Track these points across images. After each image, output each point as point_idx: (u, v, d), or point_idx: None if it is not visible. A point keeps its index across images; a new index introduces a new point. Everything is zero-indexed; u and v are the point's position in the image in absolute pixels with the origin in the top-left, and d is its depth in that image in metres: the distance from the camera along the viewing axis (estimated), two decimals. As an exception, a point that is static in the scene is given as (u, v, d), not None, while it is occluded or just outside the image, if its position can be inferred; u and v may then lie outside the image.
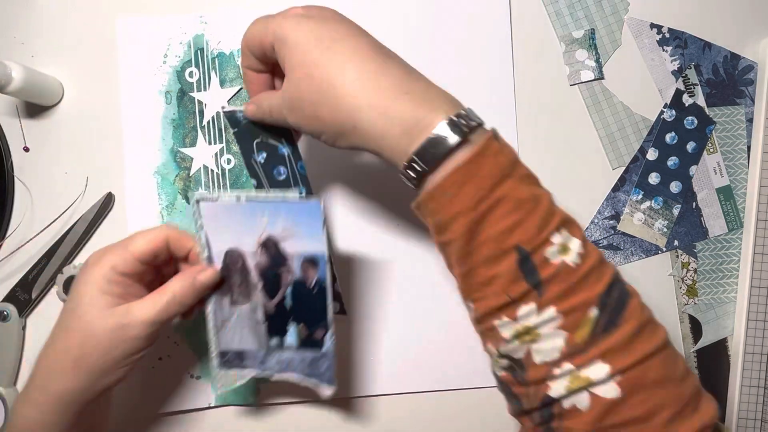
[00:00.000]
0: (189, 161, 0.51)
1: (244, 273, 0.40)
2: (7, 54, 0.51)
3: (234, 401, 0.50)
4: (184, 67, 0.51)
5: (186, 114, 0.51)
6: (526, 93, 0.51)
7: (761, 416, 0.49)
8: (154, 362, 0.50)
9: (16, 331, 0.51)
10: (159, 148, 0.51)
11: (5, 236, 0.51)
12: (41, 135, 0.51)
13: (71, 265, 0.51)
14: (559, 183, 0.51)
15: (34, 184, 0.51)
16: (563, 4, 0.51)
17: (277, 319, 0.41)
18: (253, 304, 0.41)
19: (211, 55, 0.51)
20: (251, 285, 0.40)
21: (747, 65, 0.51)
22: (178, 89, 0.51)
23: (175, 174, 0.51)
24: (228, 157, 0.51)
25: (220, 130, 0.51)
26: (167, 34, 0.51)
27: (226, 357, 0.42)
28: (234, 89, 0.51)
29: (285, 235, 0.39)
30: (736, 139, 0.52)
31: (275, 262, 0.40)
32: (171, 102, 0.51)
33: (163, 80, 0.51)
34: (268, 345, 0.42)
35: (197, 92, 0.51)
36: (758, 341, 0.49)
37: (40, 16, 0.51)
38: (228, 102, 0.51)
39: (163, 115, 0.51)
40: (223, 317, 0.41)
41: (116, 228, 0.51)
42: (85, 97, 0.51)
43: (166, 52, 0.51)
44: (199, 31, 0.51)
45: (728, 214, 0.52)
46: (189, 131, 0.51)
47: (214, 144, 0.51)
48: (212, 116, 0.51)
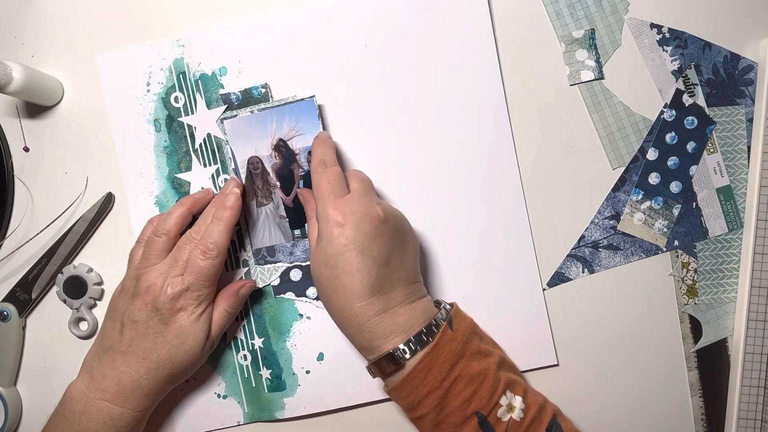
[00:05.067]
0: (187, 186, 0.51)
1: (264, 176, 0.49)
2: (7, 54, 0.51)
3: (262, 417, 0.50)
4: (168, 92, 0.51)
5: (177, 139, 0.51)
6: (526, 93, 0.51)
7: (761, 416, 0.49)
8: (182, 384, 0.50)
9: (16, 331, 0.51)
10: (155, 177, 0.51)
11: (5, 236, 0.51)
12: (41, 135, 0.51)
13: (71, 265, 0.51)
14: (559, 183, 0.51)
15: (34, 184, 0.51)
16: (563, 4, 0.51)
17: (296, 212, 0.50)
18: (275, 202, 0.49)
19: (194, 77, 0.51)
20: (271, 185, 0.49)
21: (747, 65, 0.51)
22: (166, 116, 0.51)
23: (175, 200, 0.51)
24: (225, 177, 0.51)
25: (213, 152, 0.51)
26: (147, 62, 0.51)
27: (260, 254, 0.50)
28: (221, 109, 0.50)
29: (291, 134, 0.48)
30: (736, 139, 0.52)
31: (287, 160, 0.49)
32: (161, 129, 0.51)
33: (149, 109, 0.51)
34: (294, 236, 0.50)
35: (185, 116, 0.51)
36: (758, 341, 0.49)
37: (40, 16, 0.51)
38: (217, 121, 0.50)
39: (154, 143, 0.51)
40: (252, 219, 0.50)
41: (116, 228, 0.51)
42: (85, 97, 0.51)
43: (149, 80, 0.51)
44: (177, 55, 0.51)
45: (728, 214, 0.52)
46: (183, 156, 0.51)
47: (209, 166, 0.51)
48: (204, 138, 0.51)
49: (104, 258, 0.51)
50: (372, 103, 0.51)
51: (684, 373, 0.51)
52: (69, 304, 0.51)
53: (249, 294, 0.50)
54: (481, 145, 0.50)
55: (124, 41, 0.51)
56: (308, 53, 0.51)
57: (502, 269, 0.50)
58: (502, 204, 0.50)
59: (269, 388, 0.50)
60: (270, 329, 0.51)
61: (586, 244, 0.51)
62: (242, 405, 0.51)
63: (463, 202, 0.50)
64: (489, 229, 0.50)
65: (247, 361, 0.50)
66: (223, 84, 0.51)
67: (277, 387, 0.50)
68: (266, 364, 0.50)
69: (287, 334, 0.51)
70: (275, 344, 0.51)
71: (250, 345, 0.51)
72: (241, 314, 0.51)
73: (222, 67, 0.51)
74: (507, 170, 0.50)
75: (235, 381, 0.51)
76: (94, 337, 0.51)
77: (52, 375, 0.52)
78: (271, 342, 0.51)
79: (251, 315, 0.50)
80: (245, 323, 0.51)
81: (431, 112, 0.51)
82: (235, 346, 0.51)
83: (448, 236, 0.50)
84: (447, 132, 0.50)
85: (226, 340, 0.51)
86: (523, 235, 0.50)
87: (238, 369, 0.51)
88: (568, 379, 0.51)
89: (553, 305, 0.51)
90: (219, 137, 0.50)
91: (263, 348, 0.51)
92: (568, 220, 0.51)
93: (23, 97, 0.49)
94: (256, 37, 0.51)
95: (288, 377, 0.50)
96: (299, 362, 0.50)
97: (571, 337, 0.51)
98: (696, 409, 0.51)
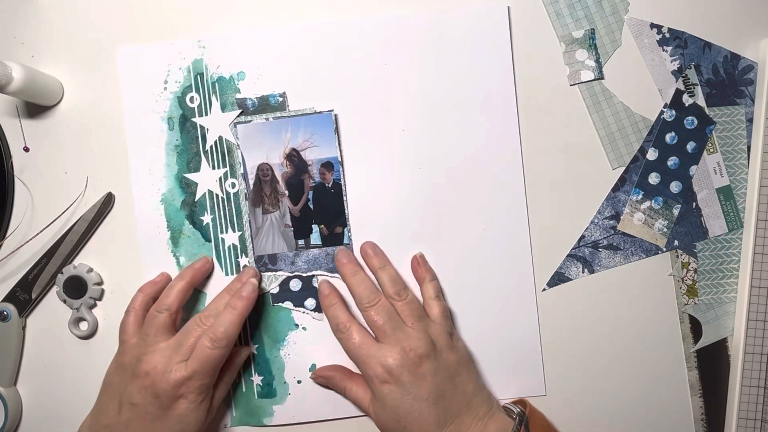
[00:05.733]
0: (194, 186, 0.51)
1: (273, 183, 0.49)
2: (7, 54, 0.51)
3: (249, 422, 0.51)
4: (184, 92, 0.51)
5: (189, 139, 0.51)
6: (526, 93, 0.51)
7: (761, 416, 0.49)
8: None
9: (16, 331, 0.51)
10: (164, 174, 0.51)
11: (5, 236, 0.51)
12: (41, 135, 0.51)
13: (71, 265, 0.51)
14: (559, 183, 0.51)
15: (34, 184, 0.51)
16: (563, 4, 0.51)
17: (302, 222, 0.50)
18: (281, 211, 0.50)
19: (211, 79, 0.51)
20: (279, 194, 0.50)
21: (747, 65, 0.51)
22: (180, 115, 0.51)
23: (181, 200, 0.51)
24: (232, 181, 0.51)
25: (223, 155, 0.51)
26: (166, 60, 0.51)
27: (262, 261, 0.50)
28: (235, 113, 0.50)
29: (305, 145, 0.49)
30: (736, 139, 0.52)
31: (298, 170, 0.49)
32: (174, 128, 0.51)
33: (164, 106, 0.51)
34: (297, 246, 0.50)
35: (198, 117, 0.51)
36: (758, 341, 0.49)
37: (40, 16, 0.51)
38: (230, 125, 0.50)
39: (166, 141, 0.51)
40: (257, 226, 0.50)
41: (116, 228, 0.51)
42: (85, 97, 0.51)
43: (166, 78, 0.51)
44: (197, 55, 0.51)
45: (728, 214, 0.52)
46: (192, 156, 0.51)
47: (218, 168, 0.51)
48: (215, 140, 0.51)
49: (104, 258, 0.51)
50: (386, 122, 0.50)
51: (684, 373, 0.51)
52: (69, 304, 0.51)
53: (244, 360, 0.50)
54: (490, 151, 0.50)
55: (143, 38, 0.51)
56: (328, 67, 0.50)
57: (499, 275, 0.51)
58: (503, 208, 0.51)
59: (259, 394, 0.50)
60: (265, 336, 0.51)
61: (586, 244, 0.51)
62: (230, 409, 0.51)
63: (467, 207, 0.51)
64: (488, 234, 0.51)
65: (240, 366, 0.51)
66: (239, 88, 0.50)
67: (267, 394, 0.50)
68: (258, 370, 0.51)
69: (282, 343, 0.51)
70: (269, 351, 0.51)
71: None
72: None
73: (240, 72, 0.51)
74: (512, 176, 0.51)
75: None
76: (94, 336, 0.51)
77: (52, 375, 0.52)
78: (265, 349, 0.51)
79: (247, 320, 0.50)
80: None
81: (443, 124, 0.50)
82: None
83: (450, 240, 0.51)
84: (456, 139, 0.50)
85: None
86: (522, 244, 0.51)
87: None
88: (568, 380, 0.51)
89: (553, 305, 0.51)
90: (230, 141, 0.50)
91: (256, 354, 0.51)
92: (568, 220, 0.51)
93: (23, 97, 0.49)
94: (278, 45, 0.50)
95: (279, 385, 0.50)
96: (291, 371, 0.50)
97: (571, 337, 0.51)
98: (696, 409, 0.51)
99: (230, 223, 0.51)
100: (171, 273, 0.50)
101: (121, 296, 0.51)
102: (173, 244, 0.51)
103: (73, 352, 0.51)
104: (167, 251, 0.51)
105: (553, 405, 0.51)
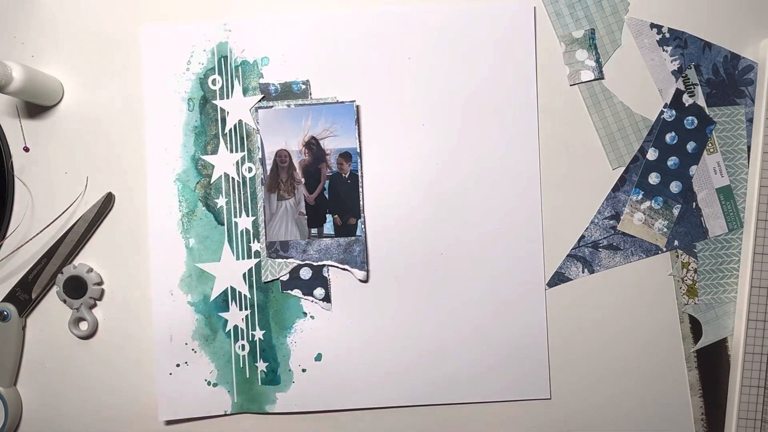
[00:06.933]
0: (210, 169, 0.51)
1: (290, 170, 0.49)
2: (7, 54, 0.51)
3: (251, 409, 0.51)
4: (207, 74, 0.51)
5: (208, 121, 0.51)
6: (525, 93, 0.51)
7: (761, 416, 0.49)
8: (172, 368, 0.50)
9: (16, 331, 0.51)
10: (180, 154, 0.51)
11: (5, 236, 0.51)
12: (41, 135, 0.51)
13: (71, 265, 0.51)
14: (559, 183, 0.51)
15: (34, 184, 0.51)
16: (563, 4, 0.51)
17: (316, 210, 0.50)
18: (296, 198, 0.50)
19: (235, 63, 0.51)
20: (296, 181, 0.50)
21: (747, 65, 0.51)
22: (201, 96, 0.51)
23: (196, 181, 0.51)
24: (249, 166, 0.51)
25: (242, 138, 0.51)
26: (191, 41, 0.51)
27: (273, 248, 0.50)
28: (256, 97, 0.51)
29: (325, 134, 0.49)
30: (736, 139, 0.52)
31: (316, 158, 0.49)
32: (193, 109, 0.51)
33: (186, 87, 0.51)
34: (309, 235, 0.50)
35: (220, 100, 0.51)
36: (758, 341, 0.49)
37: (40, 16, 0.51)
38: (250, 110, 0.50)
39: (185, 122, 0.51)
40: (271, 211, 0.50)
41: (116, 228, 0.51)
42: (85, 97, 0.51)
43: (189, 59, 0.51)
44: (222, 38, 0.51)
45: (728, 214, 0.52)
46: (211, 139, 0.51)
47: (235, 152, 0.51)
48: (234, 124, 0.51)
49: (104, 258, 0.51)
50: (407, 116, 0.51)
51: (684, 373, 0.51)
52: (69, 304, 0.51)
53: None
54: (508, 150, 0.51)
55: (170, 18, 0.51)
56: (352, 57, 0.51)
57: (510, 274, 0.51)
58: (517, 208, 0.51)
59: (263, 381, 0.50)
60: (272, 323, 0.51)
61: (586, 244, 0.51)
62: (232, 394, 0.51)
63: (482, 206, 0.51)
64: (501, 232, 0.51)
65: (245, 351, 0.51)
66: (263, 73, 0.51)
67: (272, 381, 0.50)
68: (263, 356, 0.51)
69: (289, 330, 0.51)
70: (275, 338, 0.51)
71: (250, 336, 0.51)
72: (244, 305, 0.51)
73: (264, 57, 0.51)
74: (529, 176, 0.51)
75: (229, 370, 0.51)
76: (94, 336, 0.51)
77: (52, 375, 0.52)
78: (272, 335, 0.51)
79: (255, 306, 0.50)
80: (248, 314, 0.51)
81: (463, 120, 0.51)
82: (234, 335, 0.51)
83: (463, 237, 0.51)
84: (476, 137, 0.51)
85: (226, 327, 0.51)
86: (535, 246, 0.51)
87: (233, 358, 0.51)
88: (567, 379, 0.51)
89: (552, 305, 0.51)
90: (250, 125, 0.51)
91: (263, 340, 0.51)
92: (568, 220, 0.51)
93: (23, 97, 0.49)
94: (304, 32, 0.51)
95: (284, 373, 0.50)
96: (297, 359, 0.50)
97: (571, 337, 0.51)
98: (696, 409, 0.51)
99: (244, 207, 0.51)
100: (179, 255, 0.51)
101: (121, 296, 0.51)
102: (183, 225, 0.51)
103: (73, 352, 0.51)
104: (177, 232, 0.51)
105: (552, 404, 0.51)
